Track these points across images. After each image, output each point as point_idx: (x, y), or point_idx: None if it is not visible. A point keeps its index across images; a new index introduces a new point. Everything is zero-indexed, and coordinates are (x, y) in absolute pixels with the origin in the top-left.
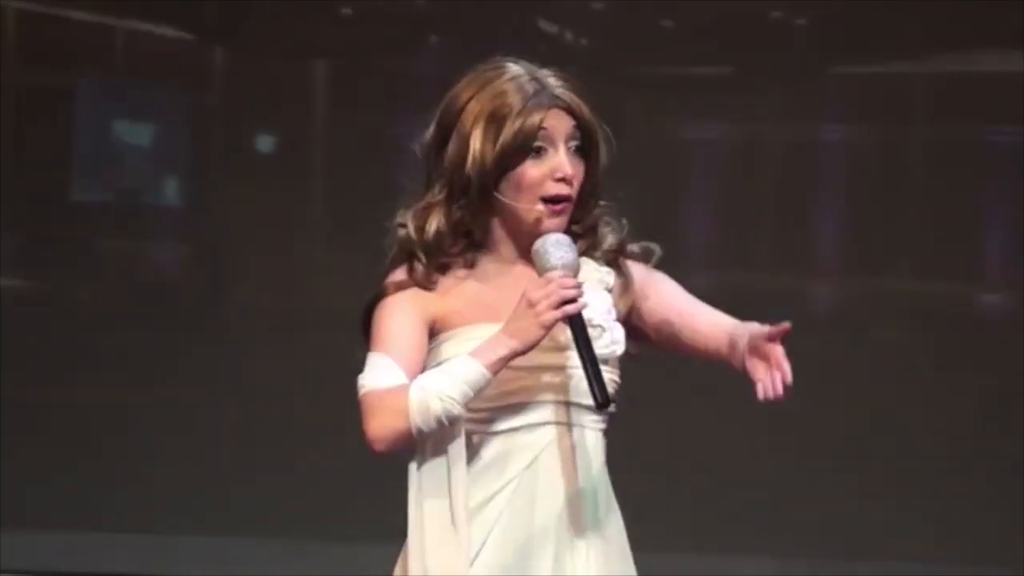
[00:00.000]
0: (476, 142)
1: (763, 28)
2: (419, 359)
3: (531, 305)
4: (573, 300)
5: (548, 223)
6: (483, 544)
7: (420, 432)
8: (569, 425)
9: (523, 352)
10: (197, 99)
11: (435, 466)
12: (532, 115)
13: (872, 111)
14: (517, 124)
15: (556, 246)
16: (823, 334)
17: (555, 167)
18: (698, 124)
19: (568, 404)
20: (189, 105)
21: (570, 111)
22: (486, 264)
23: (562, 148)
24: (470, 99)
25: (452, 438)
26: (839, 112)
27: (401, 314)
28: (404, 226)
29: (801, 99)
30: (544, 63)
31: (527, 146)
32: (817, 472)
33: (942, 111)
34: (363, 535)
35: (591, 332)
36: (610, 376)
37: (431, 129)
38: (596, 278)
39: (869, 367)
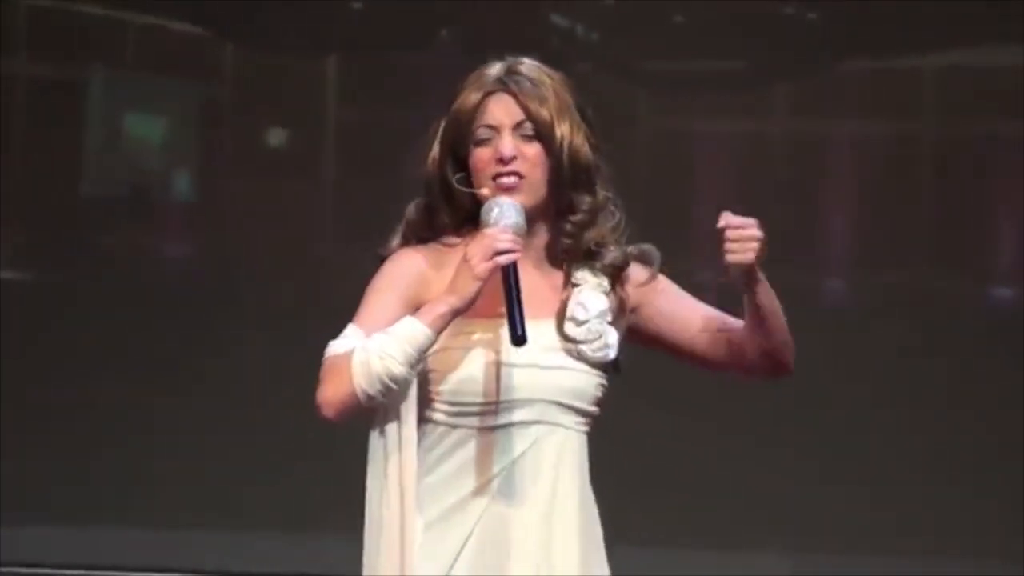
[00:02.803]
0: (434, 139)
1: (774, 23)
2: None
3: (467, 260)
4: (507, 252)
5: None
6: (464, 542)
7: (365, 394)
8: (554, 425)
9: (462, 308)
10: (208, 93)
11: (382, 454)
12: (470, 98)
13: (883, 106)
14: (456, 105)
15: (498, 205)
16: (833, 329)
17: (497, 149)
18: (709, 119)
19: (555, 404)
20: (200, 99)
21: (515, 96)
22: None
23: (506, 132)
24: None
25: (400, 421)
26: (850, 107)
27: (387, 291)
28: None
29: (812, 94)
30: (555, 58)
31: (467, 130)
32: (824, 467)
33: (953, 106)
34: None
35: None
36: (597, 380)
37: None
38: (595, 282)
39: (879, 362)
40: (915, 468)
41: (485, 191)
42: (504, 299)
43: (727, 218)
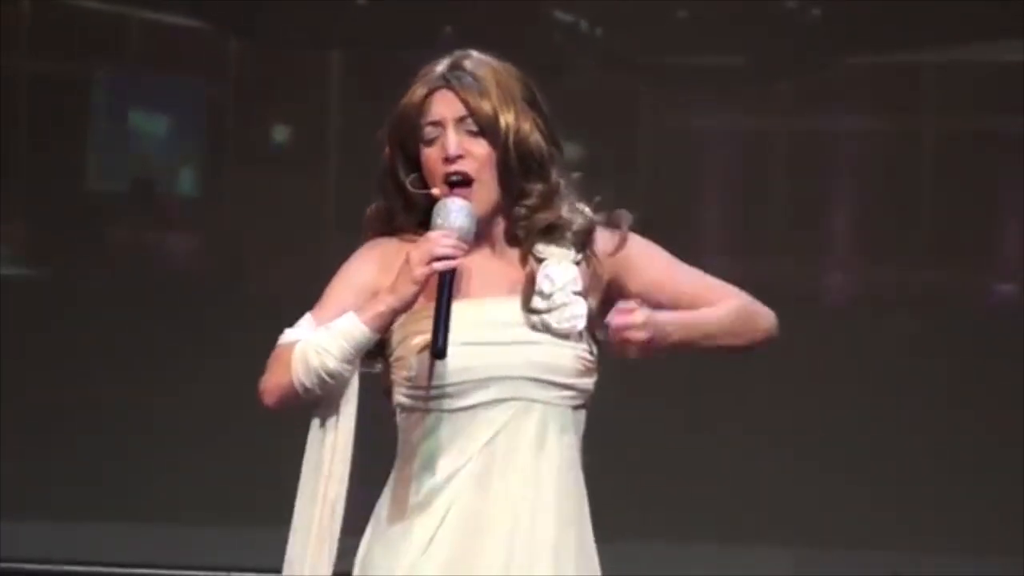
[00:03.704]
0: (385, 140)
1: (776, 19)
2: None
3: (407, 262)
4: (447, 258)
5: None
6: (439, 524)
7: (303, 387)
8: (530, 401)
9: (401, 308)
10: (213, 89)
11: (319, 442)
12: (415, 95)
13: (885, 102)
14: (401, 104)
15: (447, 208)
16: (836, 324)
17: (443, 148)
18: (712, 114)
19: (528, 380)
20: (204, 95)
21: (456, 92)
22: None
23: (450, 128)
24: None
25: (337, 411)
26: (852, 103)
27: (344, 282)
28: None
29: (814, 90)
30: (557, 54)
31: (412, 129)
32: (826, 463)
33: (955, 101)
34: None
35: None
36: (573, 352)
37: None
38: (561, 252)
39: (881, 356)
40: (917, 464)
41: (436, 191)
42: (434, 306)
43: (614, 317)
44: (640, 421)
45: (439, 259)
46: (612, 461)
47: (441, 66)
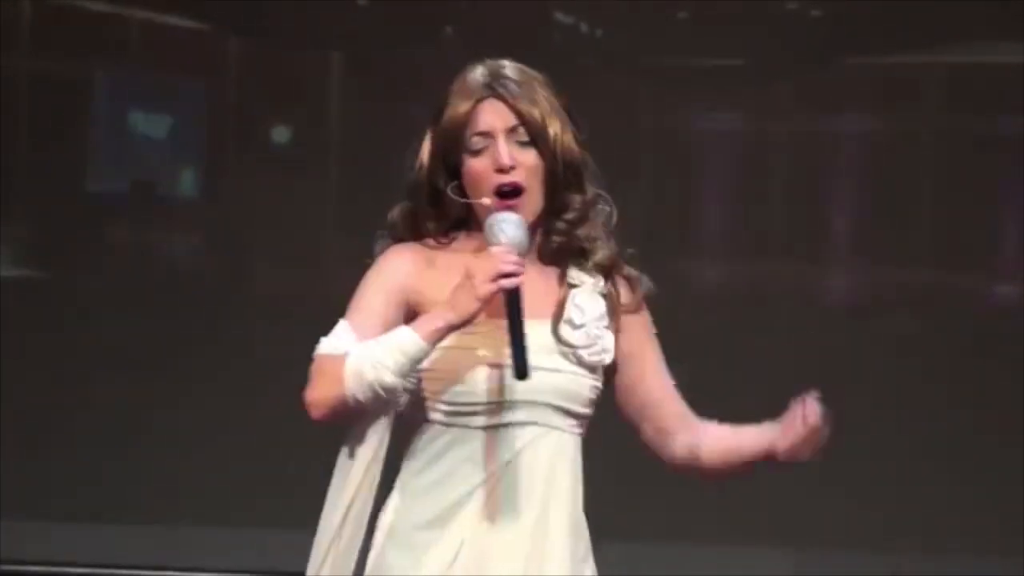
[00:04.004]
0: (422, 145)
1: (777, 20)
2: (385, 329)
3: (470, 278)
4: (512, 275)
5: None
6: (460, 545)
7: (355, 400)
8: (548, 427)
9: (459, 324)
10: (213, 89)
11: (358, 453)
12: (461, 106)
13: (886, 103)
14: (447, 115)
15: (504, 222)
16: (835, 324)
17: (494, 158)
18: (712, 115)
19: (549, 406)
20: (205, 95)
21: (506, 101)
22: (464, 247)
23: (500, 139)
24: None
25: (379, 423)
26: (853, 104)
27: (377, 289)
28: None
29: (815, 90)
30: (558, 54)
31: (459, 138)
32: (825, 464)
33: (956, 102)
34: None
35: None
36: (591, 383)
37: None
38: (591, 283)
39: (881, 357)
40: (917, 465)
41: (486, 201)
42: (508, 327)
43: (810, 414)
44: None
45: (504, 276)
46: (612, 462)
47: (480, 75)
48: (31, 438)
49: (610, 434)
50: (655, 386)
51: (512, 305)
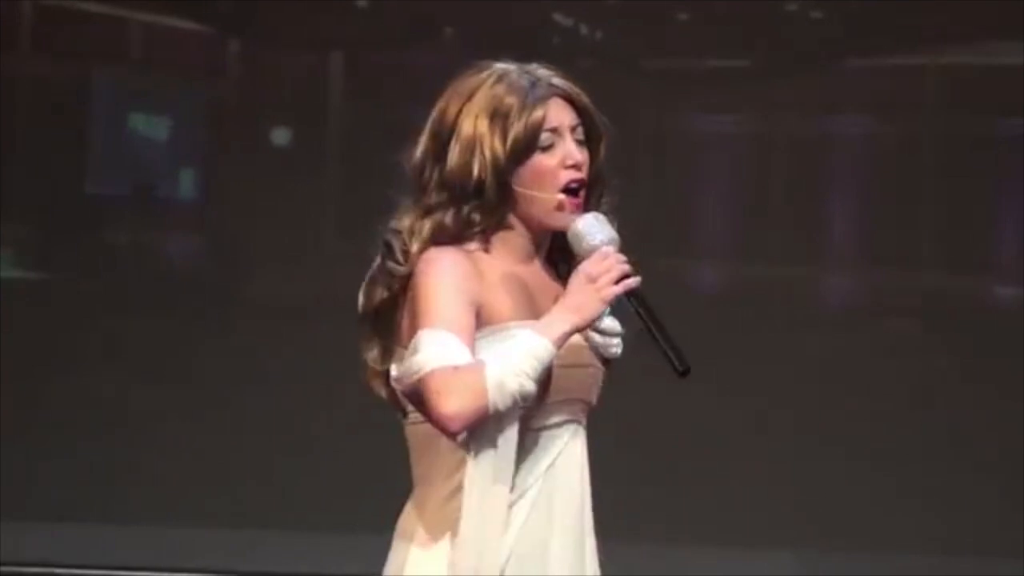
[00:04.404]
0: (484, 142)
1: (777, 21)
2: (473, 337)
3: (591, 280)
4: (630, 275)
5: (567, 217)
6: (512, 548)
7: (497, 410)
8: (579, 424)
9: (583, 327)
10: (212, 92)
11: (492, 455)
12: (536, 108)
13: (886, 104)
14: (524, 118)
15: (598, 222)
16: (836, 327)
17: (566, 155)
18: (713, 117)
19: (583, 402)
20: (204, 98)
21: (569, 99)
22: (504, 257)
23: (568, 136)
24: (463, 105)
25: (510, 424)
26: (853, 105)
27: (457, 294)
28: (400, 232)
29: (815, 92)
30: (559, 56)
31: (536, 139)
32: (830, 464)
33: (956, 104)
34: (382, 527)
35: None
36: (603, 375)
37: (423, 143)
38: None
39: (882, 359)
40: (918, 466)
41: (560, 196)
42: (646, 327)
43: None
44: (641, 423)
45: (625, 277)
46: (613, 463)
47: (526, 74)
48: (30, 439)
49: (609, 435)
50: None
51: (640, 303)
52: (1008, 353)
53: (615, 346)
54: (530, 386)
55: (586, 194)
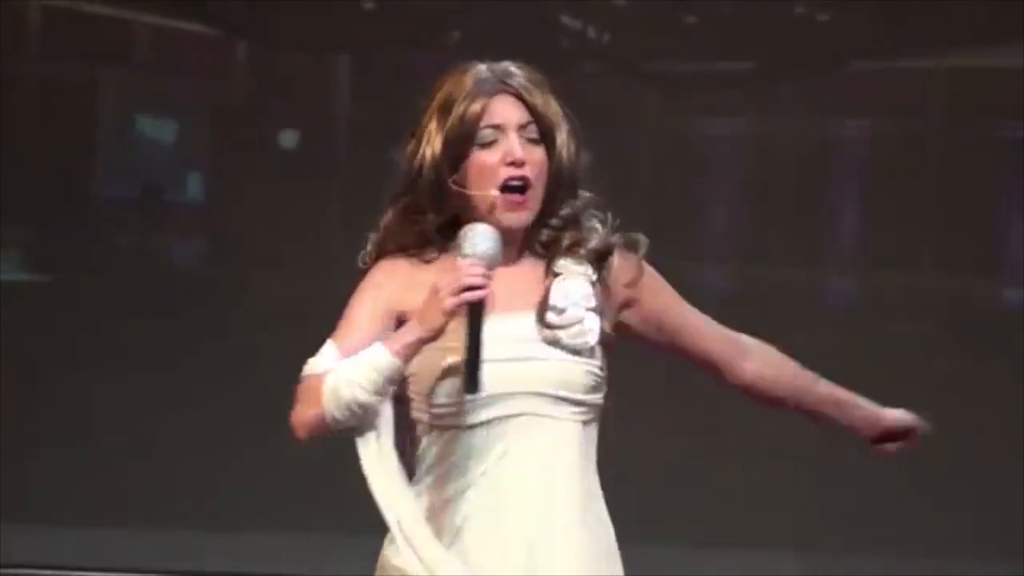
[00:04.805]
0: (427, 134)
1: (784, 24)
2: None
3: (436, 291)
4: (477, 288)
5: (507, 216)
6: (452, 541)
7: (334, 419)
8: (543, 417)
9: (429, 338)
10: (220, 94)
11: (375, 449)
12: (476, 100)
13: (892, 106)
14: (460, 109)
15: (475, 234)
16: (840, 327)
17: (506, 152)
18: (719, 119)
19: (540, 396)
20: (212, 100)
21: (519, 97)
22: (448, 266)
23: (512, 134)
24: (429, 102)
25: (373, 431)
26: (859, 107)
27: (364, 308)
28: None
29: (820, 94)
30: (565, 58)
31: (472, 134)
32: (832, 466)
33: (960, 106)
34: (382, 527)
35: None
36: (585, 368)
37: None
38: (578, 270)
39: (885, 360)
40: (918, 466)
41: (494, 193)
42: (465, 339)
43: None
44: (641, 425)
45: (468, 289)
46: (613, 465)
47: (491, 71)
48: (31, 441)
49: (610, 435)
50: (696, 330)
51: (473, 318)
52: (1009, 354)
53: (577, 335)
54: (364, 397)
55: (547, 195)
